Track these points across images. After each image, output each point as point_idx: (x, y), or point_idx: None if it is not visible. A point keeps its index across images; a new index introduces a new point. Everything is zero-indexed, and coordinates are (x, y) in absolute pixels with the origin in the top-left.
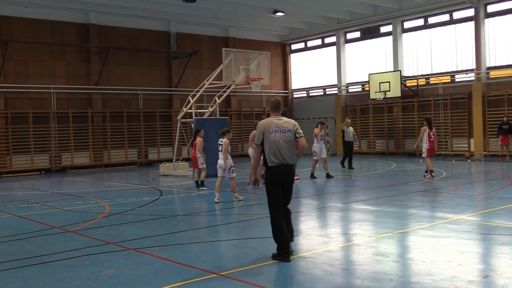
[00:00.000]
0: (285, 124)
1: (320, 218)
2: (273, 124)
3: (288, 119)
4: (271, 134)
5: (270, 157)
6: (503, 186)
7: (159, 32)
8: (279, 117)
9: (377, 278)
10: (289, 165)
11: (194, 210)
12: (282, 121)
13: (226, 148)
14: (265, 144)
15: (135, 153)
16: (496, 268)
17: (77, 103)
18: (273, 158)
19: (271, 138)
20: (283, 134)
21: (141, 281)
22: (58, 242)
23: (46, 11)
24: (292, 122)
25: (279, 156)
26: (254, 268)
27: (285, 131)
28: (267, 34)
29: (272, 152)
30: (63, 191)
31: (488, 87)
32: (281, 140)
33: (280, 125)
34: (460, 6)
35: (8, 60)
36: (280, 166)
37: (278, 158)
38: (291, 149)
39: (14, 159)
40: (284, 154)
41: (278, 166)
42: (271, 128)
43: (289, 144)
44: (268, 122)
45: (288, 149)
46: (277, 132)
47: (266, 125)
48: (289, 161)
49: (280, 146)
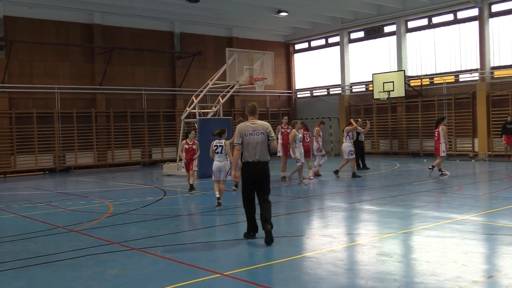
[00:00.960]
0: (259, 127)
1: (324, 218)
2: (249, 127)
3: (262, 122)
4: (246, 137)
5: (245, 155)
6: (508, 186)
7: (163, 32)
8: (254, 121)
9: (381, 278)
10: (262, 162)
11: (197, 210)
12: (256, 125)
13: (229, 149)
14: (242, 144)
15: (139, 153)
16: (501, 268)
17: (81, 103)
18: (247, 156)
19: (246, 140)
20: (257, 136)
21: (144, 281)
22: (62, 242)
23: (50, 12)
24: (265, 126)
25: (252, 155)
26: (258, 268)
27: (259, 133)
28: (270, 34)
29: (247, 151)
30: (67, 191)
31: (492, 87)
32: (255, 141)
33: (255, 128)
34: (464, 6)
35: (13, 60)
36: (253, 163)
37: (251, 156)
38: (263, 149)
39: (18, 159)
40: (256, 153)
41: (251, 163)
42: (247, 131)
43: (262, 145)
44: (244, 126)
45: (260, 149)
46: (252, 134)
47: (243, 128)
48: (261, 159)
49: (253, 146)
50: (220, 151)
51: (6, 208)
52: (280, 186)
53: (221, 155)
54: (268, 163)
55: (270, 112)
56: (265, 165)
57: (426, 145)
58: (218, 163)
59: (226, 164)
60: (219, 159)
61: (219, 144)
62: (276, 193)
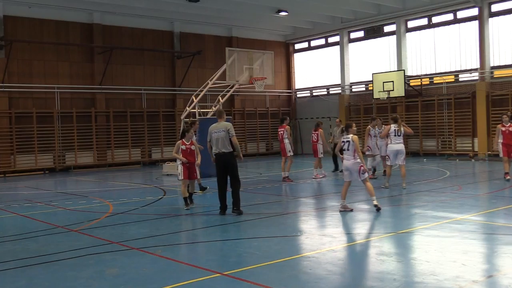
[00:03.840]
0: (221, 127)
1: (323, 217)
2: (215, 127)
3: (225, 122)
4: (213, 134)
5: (213, 148)
6: (507, 186)
7: (162, 31)
8: (219, 122)
9: (380, 278)
10: (225, 153)
11: (197, 210)
12: (220, 125)
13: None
14: (211, 140)
15: (139, 152)
16: (500, 268)
17: (81, 103)
18: (214, 148)
19: (213, 137)
20: (220, 134)
21: (145, 280)
22: (62, 242)
23: (50, 11)
24: (226, 125)
25: (216, 148)
26: (258, 267)
27: (220, 131)
28: (270, 34)
29: (214, 145)
30: (67, 190)
31: (492, 86)
32: (219, 137)
33: (218, 128)
34: (464, 6)
35: (12, 60)
36: (218, 153)
37: (216, 149)
38: (224, 143)
39: (18, 158)
40: (220, 146)
41: (217, 153)
42: (213, 130)
43: (223, 140)
44: (213, 126)
45: (222, 143)
46: (216, 132)
47: (212, 129)
48: (224, 150)
49: (218, 141)
50: (347, 148)
51: (6, 208)
52: (280, 185)
53: (348, 152)
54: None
55: (270, 111)
56: (229, 155)
57: (426, 145)
58: (346, 161)
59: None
60: (347, 157)
61: (346, 139)
62: (276, 193)
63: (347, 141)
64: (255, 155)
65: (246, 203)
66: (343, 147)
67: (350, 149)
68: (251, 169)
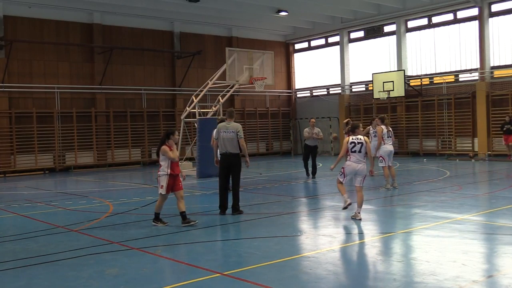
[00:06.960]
0: (230, 128)
1: (323, 217)
2: (224, 127)
3: (235, 124)
4: (221, 134)
5: (221, 148)
6: (507, 186)
7: (163, 31)
8: (229, 122)
9: (380, 277)
10: (232, 153)
11: (197, 210)
12: (230, 126)
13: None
14: (218, 139)
15: (139, 152)
16: (500, 268)
17: (81, 103)
18: (221, 149)
19: (221, 136)
20: (228, 134)
21: (144, 280)
22: (62, 242)
23: (50, 11)
24: (236, 127)
25: (223, 148)
26: (258, 267)
27: (230, 132)
28: (270, 34)
29: (221, 145)
30: (67, 190)
31: (492, 86)
32: (227, 138)
33: (228, 128)
34: (464, 6)
35: (12, 60)
36: (225, 154)
37: (223, 149)
38: (232, 144)
39: (18, 158)
40: (227, 147)
41: (223, 154)
42: (222, 130)
43: (232, 141)
44: (222, 125)
45: (230, 144)
46: (225, 132)
47: (220, 127)
48: (231, 151)
49: (225, 141)
50: (358, 150)
51: (6, 208)
52: (280, 186)
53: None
54: (238, 155)
55: (270, 111)
56: (235, 156)
57: (426, 145)
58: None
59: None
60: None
61: (358, 141)
62: (276, 193)
63: (358, 143)
64: (255, 155)
65: (246, 203)
66: (352, 149)
67: (362, 151)
68: (251, 169)
